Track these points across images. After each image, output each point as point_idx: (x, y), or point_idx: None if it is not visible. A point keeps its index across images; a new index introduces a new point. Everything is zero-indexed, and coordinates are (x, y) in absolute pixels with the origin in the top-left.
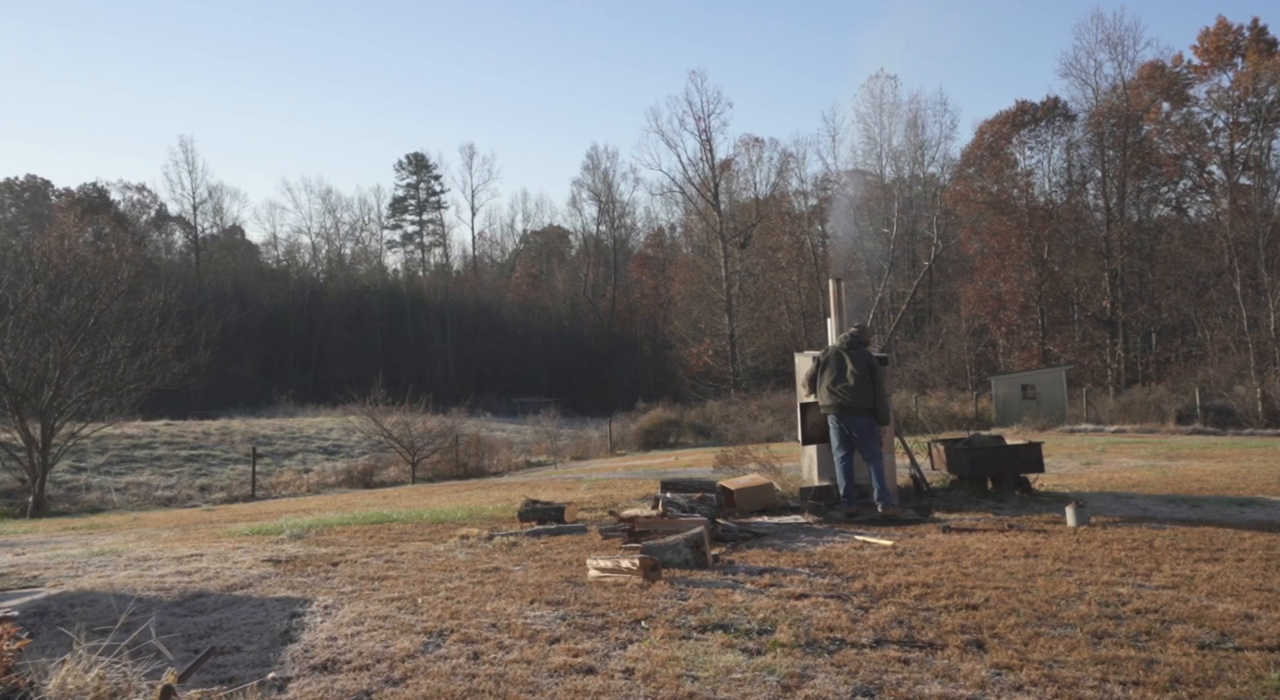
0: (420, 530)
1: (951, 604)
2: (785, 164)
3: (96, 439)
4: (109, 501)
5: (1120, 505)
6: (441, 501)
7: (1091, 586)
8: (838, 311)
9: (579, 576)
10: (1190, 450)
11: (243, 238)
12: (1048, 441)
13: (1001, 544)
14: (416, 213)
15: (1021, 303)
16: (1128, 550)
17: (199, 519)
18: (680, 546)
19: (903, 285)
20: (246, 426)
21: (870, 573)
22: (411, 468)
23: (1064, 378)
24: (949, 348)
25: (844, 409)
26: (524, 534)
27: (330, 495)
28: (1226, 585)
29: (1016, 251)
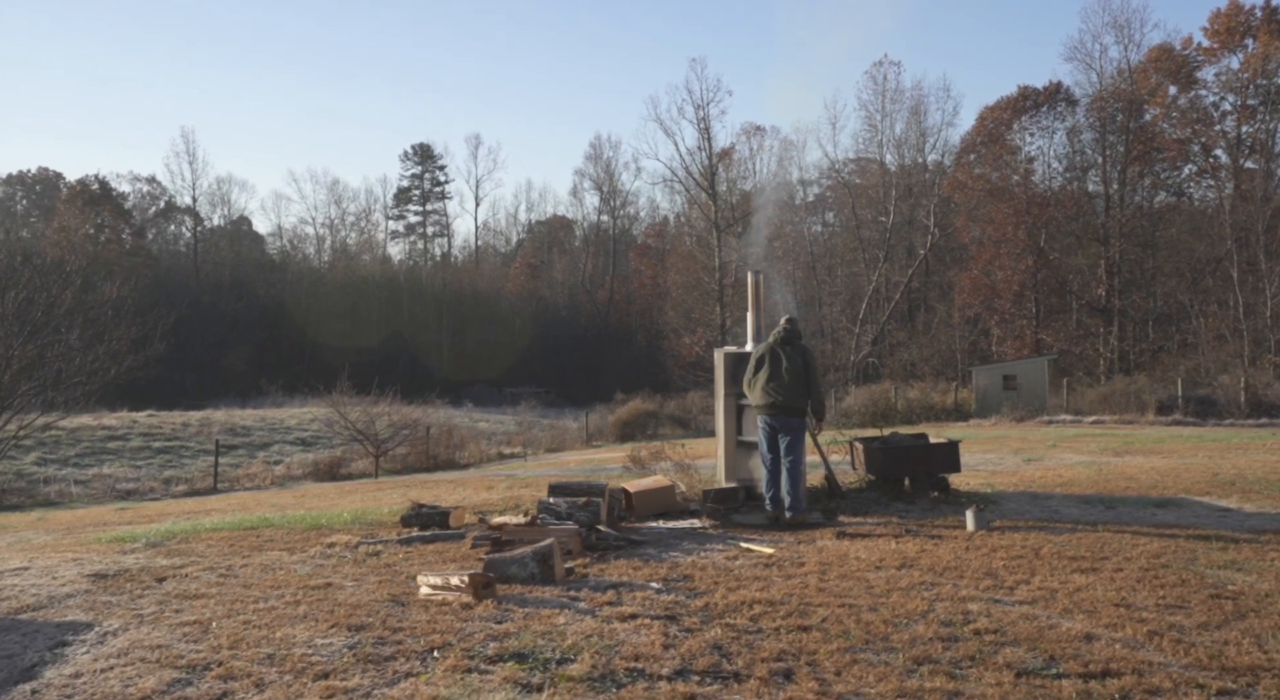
0: (289, 538)
1: (785, 625)
2: (785, 152)
3: (71, 431)
4: (67, 494)
5: (1033, 507)
6: (360, 500)
7: (945, 602)
8: (755, 306)
9: (411, 594)
10: (1145, 444)
11: (249, 229)
12: (1014, 434)
13: (883, 552)
14: (420, 203)
15: (1016, 291)
16: (1010, 559)
17: (103, 519)
18: (527, 560)
19: (898, 274)
20: (228, 417)
21: (723, 587)
22: (375, 461)
23: (1046, 367)
24: (940, 337)
25: (778, 408)
26: (395, 542)
27: (293, 488)
28: (1087, 600)
29: (1013, 239)
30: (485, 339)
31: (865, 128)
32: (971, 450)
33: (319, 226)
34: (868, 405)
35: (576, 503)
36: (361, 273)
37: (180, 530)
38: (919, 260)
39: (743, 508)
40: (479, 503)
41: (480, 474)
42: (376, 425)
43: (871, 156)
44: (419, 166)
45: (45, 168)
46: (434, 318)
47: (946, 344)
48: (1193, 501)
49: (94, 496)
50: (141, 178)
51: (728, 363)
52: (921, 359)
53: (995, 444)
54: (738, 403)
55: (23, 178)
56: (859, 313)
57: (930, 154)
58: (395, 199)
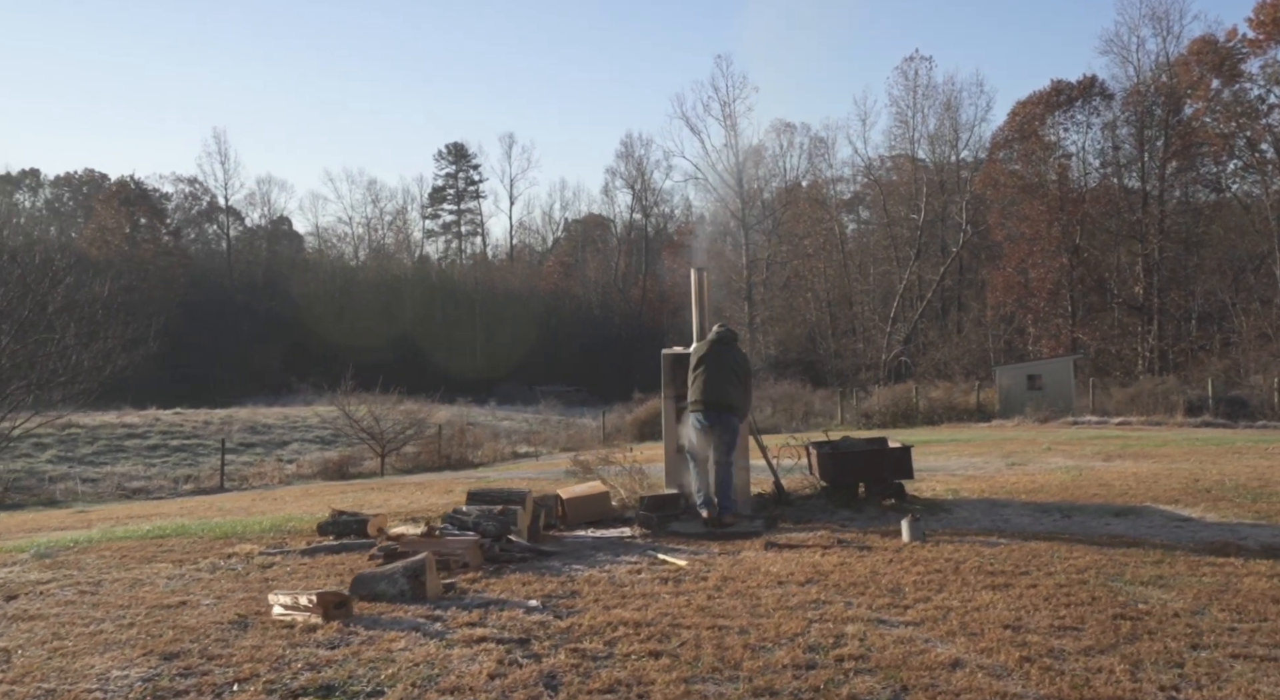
0: (192, 548)
1: (638, 650)
2: (815, 149)
3: (92, 428)
4: (72, 493)
5: (985, 516)
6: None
7: (826, 623)
8: (699, 303)
9: (264, 613)
10: (1145, 448)
11: (288, 228)
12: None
13: (798, 565)
14: (455, 202)
15: (1050, 289)
16: (925, 574)
17: (41, 523)
18: (397, 576)
19: (930, 272)
20: (251, 415)
21: (601, 605)
22: (381, 460)
23: (1071, 367)
24: (971, 336)
25: (715, 406)
26: (298, 552)
27: (299, 486)
28: (979, 621)
29: (1047, 236)
30: (517, 337)
31: (896, 124)
32: (963, 453)
33: (355, 226)
34: (889, 406)
35: (491, 511)
36: (395, 272)
37: (85, 540)
38: (951, 258)
39: (683, 515)
40: (424, 508)
41: (483, 473)
42: (382, 424)
43: (903, 153)
44: (453, 166)
45: (91, 169)
46: (467, 316)
47: (978, 343)
48: (1155, 510)
49: (98, 495)
50: (184, 178)
51: (668, 364)
52: (952, 358)
53: (993, 447)
54: (677, 405)
55: (70, 179)
56: (890, 311)
57: (963, 150)
58: (430, 198)
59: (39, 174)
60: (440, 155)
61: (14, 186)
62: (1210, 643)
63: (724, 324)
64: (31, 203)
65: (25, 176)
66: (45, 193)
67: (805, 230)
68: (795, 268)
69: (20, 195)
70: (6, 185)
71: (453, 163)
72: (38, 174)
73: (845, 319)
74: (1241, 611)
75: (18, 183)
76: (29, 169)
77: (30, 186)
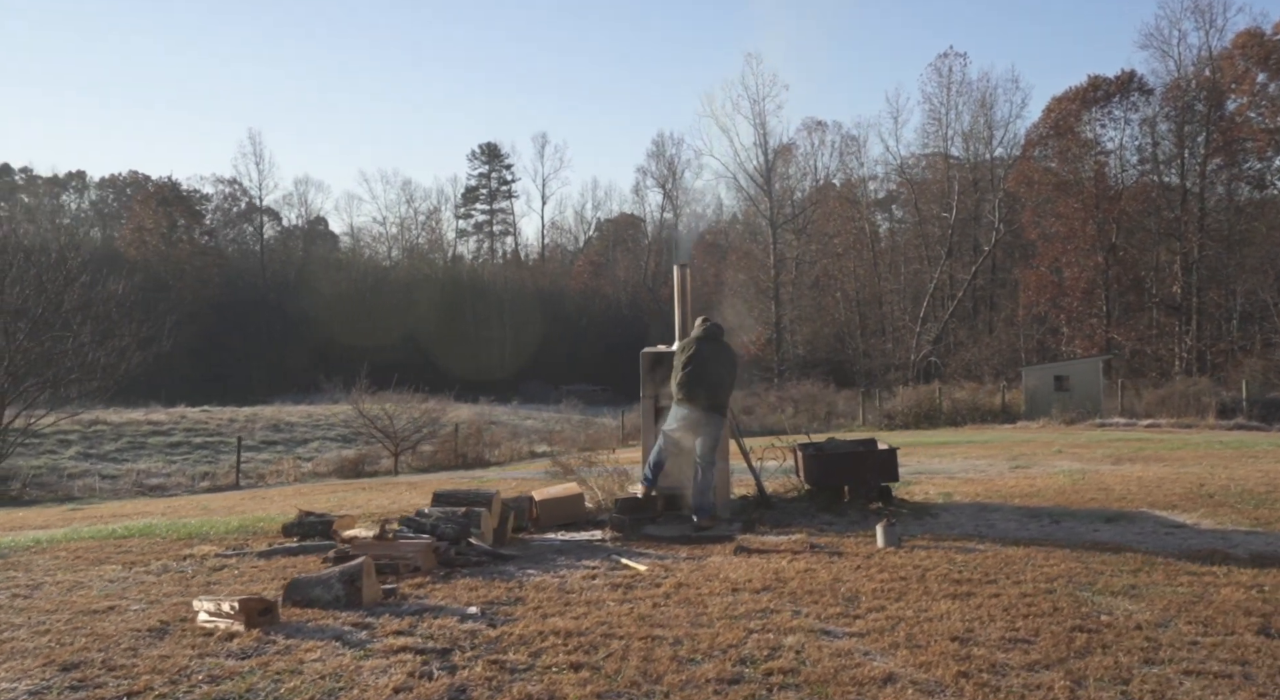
0: (150, 549)
1: (562, 661)
2: (846, 147)
3: (117, 425)
4: (90, 489)
5: (971, 521)
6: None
7: (768, 634)
8: (681, 299)
9: (191, 620)
10: (1158, 451)
11: (325, 229)
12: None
13: (761, 572)
14: (487, 202)
15: (1085, 289)
16: (889, 582)
17: (44, 520)
18: (332, 582)
19: (962, 271)
20: (276, 414)
21: (539, 613)
22: (394, 458)
23: (1100, 368)
24: (1001, 336)
25: (705, 405)
26: (254, 554)
27: (307, 485)
28: (928, 632)
29: (1081, 235)
30: (546, 337)
31: (930, 121)
32: (970, 455)
33: (389, 226)
34: (912, 407)
35: (455, 513)
36: (425, 272)
37: (47, 540)
38: (983, 256)
39: (660, 518)
40: (405, 508)
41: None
42: (396, 423)
43: (935, 151)
44: (486, 166)
45: (135, 170)
46: (495, 316)
47: (1008, 344)
48: (1149, 516)
49: (115, 492)
50: (224, 179)
51: (648, 363)
52: (982, 359)
53: (1003, 449)
54: (656, 405)
55: (114, 180)
56: (920, 311)
57: (997, 148)
58: (463, 198)
59: (85, 175)
60: (473, 155)
61: (61, 188)
62: (1166, 658)
63: (709, 319)
64: (77, 204)
65: (72, 178)
66: (91, 194)
67: (835, 229)
68: (824, 267)
69: (67, 196)
70: (54, 187)
71: (486, 162)
72: (84, 175)
73: (874, 319)
74: (1209, 624)
75: (65, 184)
76: (75, 171)
77: (76, 188)
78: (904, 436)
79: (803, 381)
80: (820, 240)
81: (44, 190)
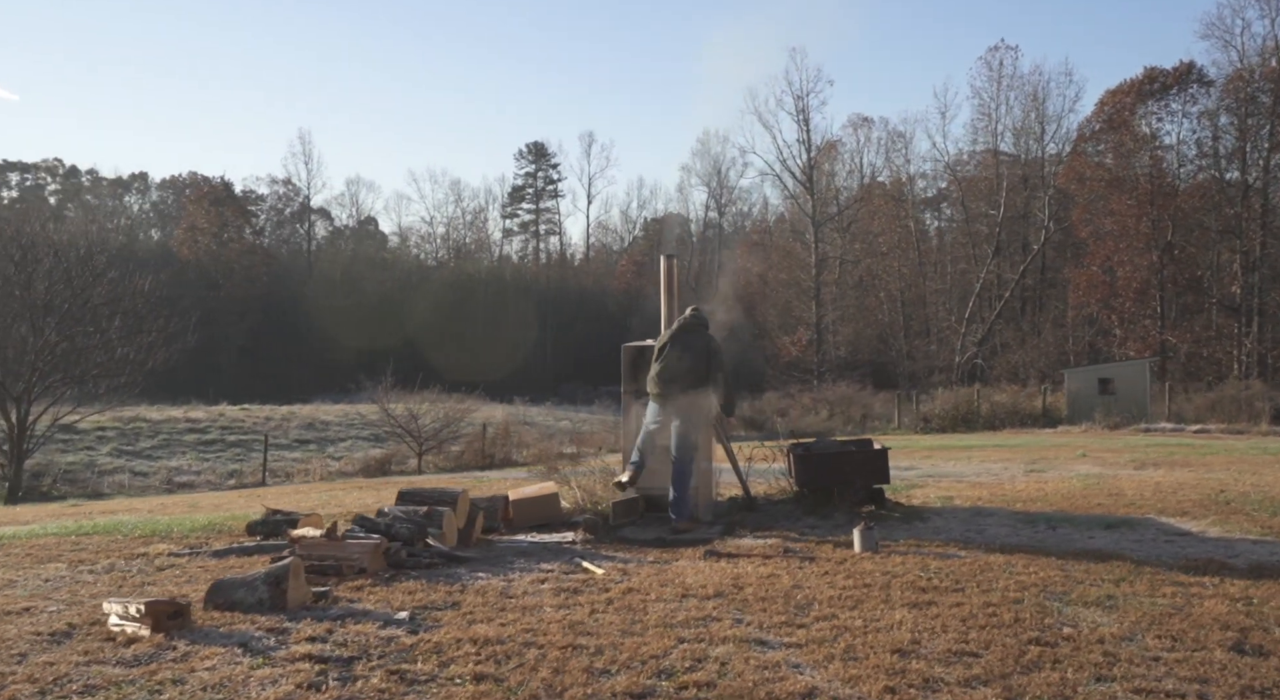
0: (107, 546)
1: (466, 672)
2: (892, 144)
3: (156, 423)
4: (118, 485)
5: (963, 525)
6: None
7: (698, 644)
8: (668, 292)
9: (102, 623)
10: (1187, 456)
11: (375, 229)
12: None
13: (720, 577)
14: (533, 201)
15: (1138, 289)
16: (852, 588)
17: (36, 515)
18: (257, 583)
19: (1010, 271)
20: (313, 412)
21: (467, 619)
22: (418, 458)
23: (1147, 370)
24: (1049, 338)
25: (677, 400)
26: (208, 554)
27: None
28: (869, 644)
29: (1135, 233)
30: (587, 337)
31: (979, 116)
32: (989, 458)
33: (436, 225)
34: (949, 410)
35: (416, 512)
36: (469, 271)
37: (10, 536)
38: (1032, 255)
39: (640, 520)
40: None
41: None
42: (420, 422)
43: (985, 147)
44: (533, 165)
45: (195, 172)
46: (538, 316)
47: (1056, 345)
48: (1153, 523)
49: (143, 489)
50: (279, 180)
51: (629, 359)
52: (1028, 361)
53: (1025, 453)
54: (636, 402)
55: (175, 181)
56: (966, 311)
57: (1049, 143)
58: (509, 197)
59: (147, 177)
60: (520, 154)
61: (124, 189)
62: (1119, 674)
63: (696, 309)
64: (139, 205)
65: (135, 179)
66: (152, 195)
67: (880, 227)
68: (868, 266)
69: (130, 198)
70: (117, 188)
71: (532, 162)
72: (145, 177)
73: (919, 319)
74: (1178, 639)
75: (128, 185)
76: (138, 172)
77: (139, 189)
78: (935, 440)
79: (839, 383)
80: (865, 239)
81: (108, 191)
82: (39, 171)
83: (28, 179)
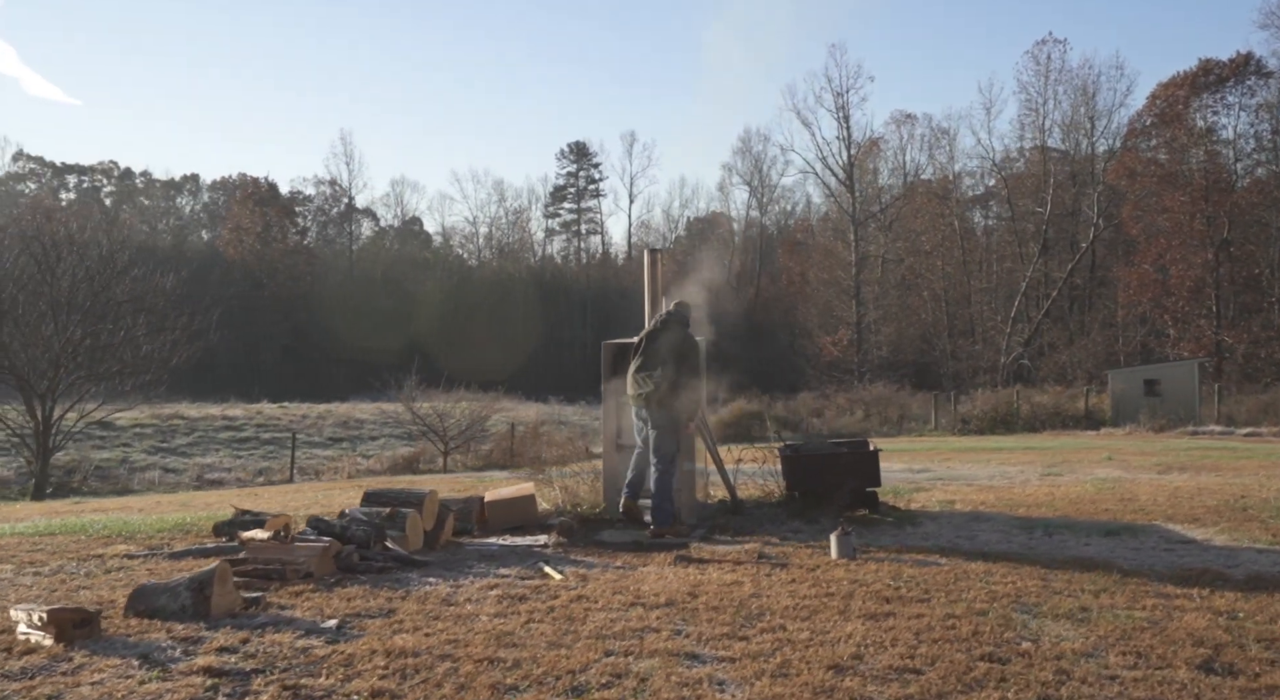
0: (68, 546)
1: (370, 688)
2: (936, 141)
3: (193, 421)
4: (147, 482)
5: (954, 531)
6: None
7: (622, 657)
8: (651, 287)
9: (11, 631)
10: (1217, 460)
11: (419, 228)
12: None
13: (678, 583)
14: (575, 201)
15: (1192, 287)
16: (813, 598)
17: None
18: (180, 590)
19: (1058, 270)
20: (349, 411)
21: (393, 629)
22: (444, 457)
23: (1195, 372)
24: (1098, 338)
25: (648, 400)
26: (165, 555)
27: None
28: (807, 659)
29: (1188, 230)
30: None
31: (1025, 111)
32: (1007, 462)
33: (479, 225)
34: (988, 411)
35: (379, 514)
36: (510, 271)
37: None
38: (1081, 253)
39: (619, 523)
40: None
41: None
42: (445, 421)
43: (1032, 143)
44: (574, 164)
45: (244, 173)
46: (578, 316)
47: (1105, 346)
48: (1157, 530)
49: (173, 485)
50: (325, 180)
51: (609, 357)
52: (1076, 361)
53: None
54: (618, 402)
55: (225, 183)
56: (1011, 311)
57: (1098, 139)
58: (551, 197)
59: (198, 178)
60: (562, 154)
61: (176, 190)
62: (1066, 695)
63: (679, 303)
64: (191, 207)
65: (186, 181)
66: (204, 197)
67: (924, 225)
68: (911, 265)
69: (182, 199)
70: (169, 189)
71: (574, 161)
72: (197, 178)
73: (963, 319)
74: (1145, 655)
75: (180, 187)
76: (190, 174)
77: (191, 190)
78: (968, 442)
79: (876, 384)
80: (908, 237)
81: (160, 193)
82: (95, 174)
83: (84, 181)
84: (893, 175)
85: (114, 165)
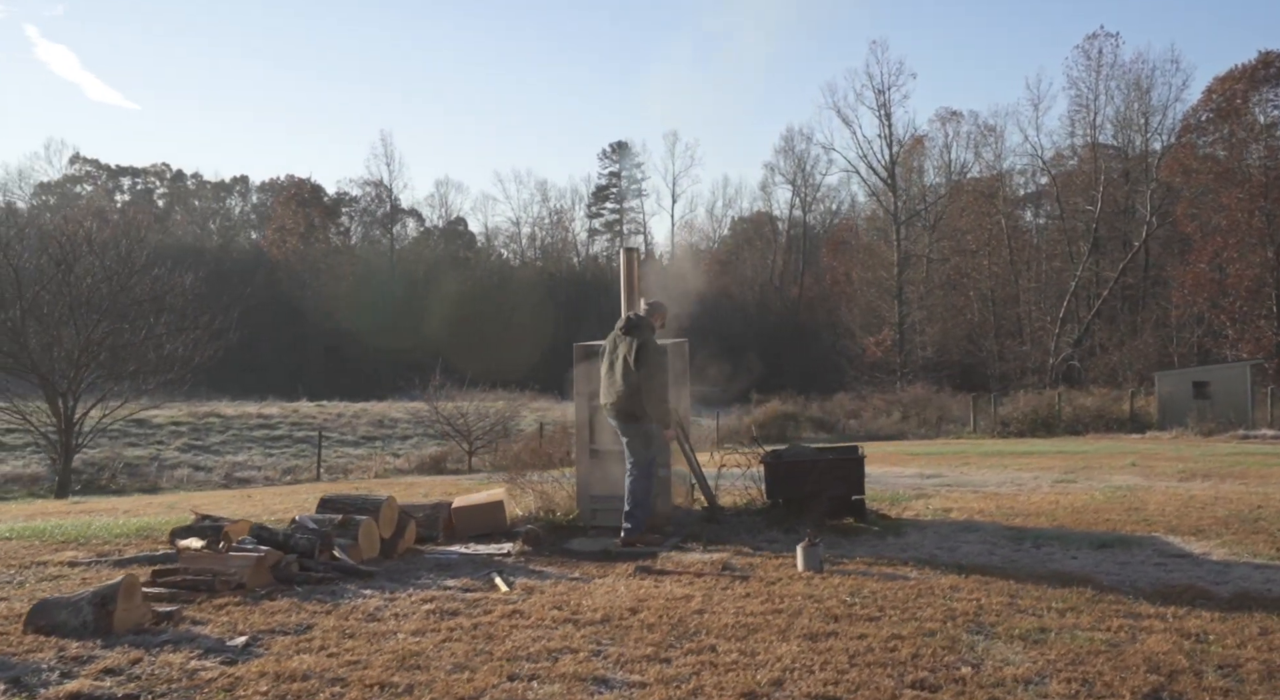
0: (17, 551)
1: None
2: (982, 139)
3: (228, 418)
4: (174, 480)
5: (938, 542)
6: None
7: (526, 682)
8: (628, 287)
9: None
10: (1248, 467)
11: (464, 229)
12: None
13: (629, 597)
14: (617, 201)
15: (1250, 287)
16: (760, 614)
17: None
18: (82, 605)
19: (1109, 269)
20: (385, 410)
21: (296, 648)
22: (468, 456)
23: (1248, 374)
24: (1150, 340)
25: (612, 408)
26: (112, 562)
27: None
28: (719, 684)
29: (1247, 228)
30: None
31: (1075, 107)
32: (1022, 467)
33: (522, 225)
34: (1029, 413)
35: (331, 521)
36: (550, 271)
37: None
38: (1133, 252)
39: (592, 530)
40: None
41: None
42: (470, 421)
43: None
44: (616, 164)
45: (291, 174)
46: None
47: (1158, 347)
48: (1154, 542)
49: (202, 483)
50: (371, 181)
51: (579, 358)
52: (1128, 362)
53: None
54: (590, 405)
55: (273, 184)
56: (1060, 311)
57: (1152, 135)
58: (594, 197)
59: (248, 180)
60: (604, 154)
61: (226, 192)
62: None
63: (651, 304)
64: (240, 208)
65: (236, 183)
66: (253, 198)
67: (969, 224)
68: (956, 265)
69: (231, 200)
70: (220, 191)
71: (616, 161)
72: (246, 180)
73: (1010, 319)
74: (1090, 683)
75: (229, 189)
76: (239, 175)
77: (240, 192)
78: (1002, 444)
79: (914, 385)
80: (953, 236)
81: (211, 194)
82: (148, 176)
83: (138, 183)
84: (938, 173)
85: (166, 167)
